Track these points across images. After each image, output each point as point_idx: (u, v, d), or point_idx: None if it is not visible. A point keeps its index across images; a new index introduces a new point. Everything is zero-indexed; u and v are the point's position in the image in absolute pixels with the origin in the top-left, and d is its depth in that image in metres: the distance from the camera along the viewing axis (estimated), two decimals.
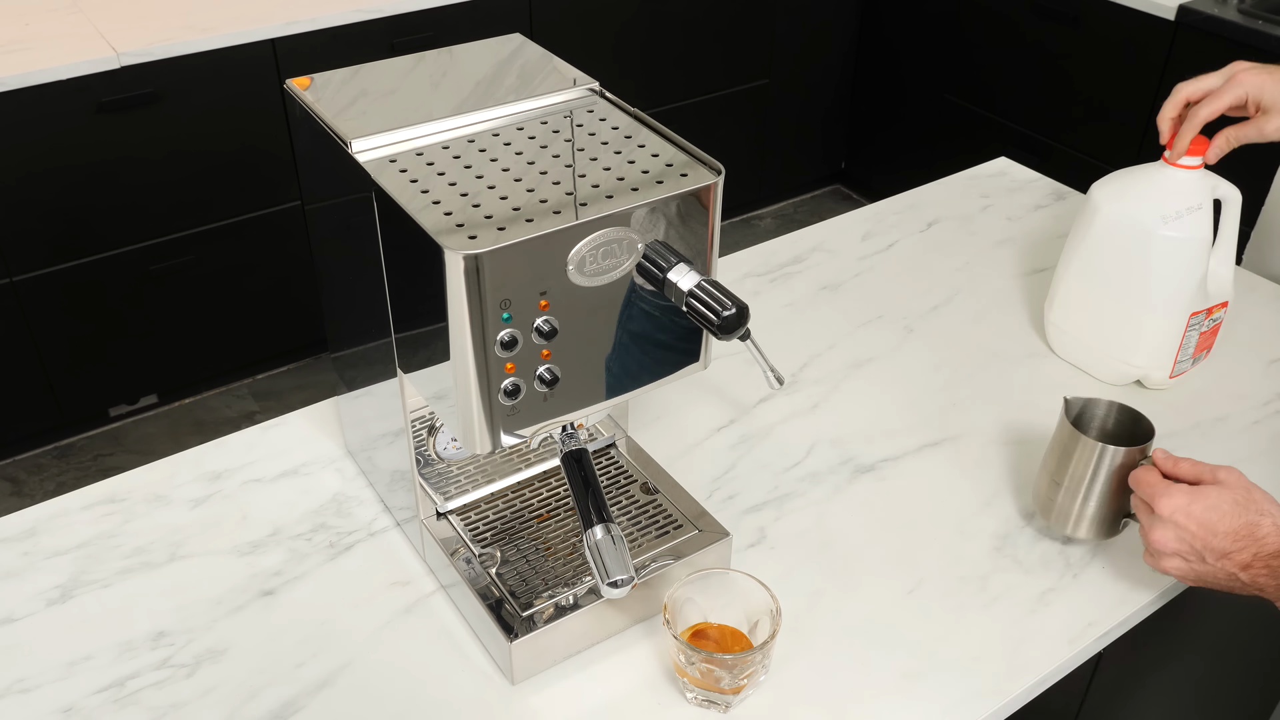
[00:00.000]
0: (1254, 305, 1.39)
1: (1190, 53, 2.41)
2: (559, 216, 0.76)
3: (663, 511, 1.02)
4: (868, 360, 1.29)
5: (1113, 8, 2.53)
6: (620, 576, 0.82)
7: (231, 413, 2.68)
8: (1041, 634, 0.96)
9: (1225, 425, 1.19)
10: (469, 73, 0.96)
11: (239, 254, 2.53)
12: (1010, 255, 1.49)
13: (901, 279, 1.44)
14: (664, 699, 0.90)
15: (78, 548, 1.04)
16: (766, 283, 1.43)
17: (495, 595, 0.93)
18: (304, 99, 0.91)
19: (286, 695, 0.90)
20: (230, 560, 1.02)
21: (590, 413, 0.86)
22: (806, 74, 3.28)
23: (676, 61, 3.00)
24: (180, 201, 2.40)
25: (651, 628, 0.96)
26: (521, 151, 0.84)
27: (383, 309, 0.88)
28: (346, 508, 1.08)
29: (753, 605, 0.91)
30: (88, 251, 2.34)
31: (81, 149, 2.23)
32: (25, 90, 2.10)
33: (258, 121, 2.40)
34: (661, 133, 0.87)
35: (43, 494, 2.44)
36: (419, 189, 0.79)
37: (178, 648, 0.94)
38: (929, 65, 3.11)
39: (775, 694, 0.90)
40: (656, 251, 0.79)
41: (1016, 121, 2.90)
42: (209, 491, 1.10)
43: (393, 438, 0.98)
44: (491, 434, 0.81)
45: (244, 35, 2.27)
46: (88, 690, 0.90)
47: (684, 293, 0.79)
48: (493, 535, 1.00)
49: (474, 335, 0.76)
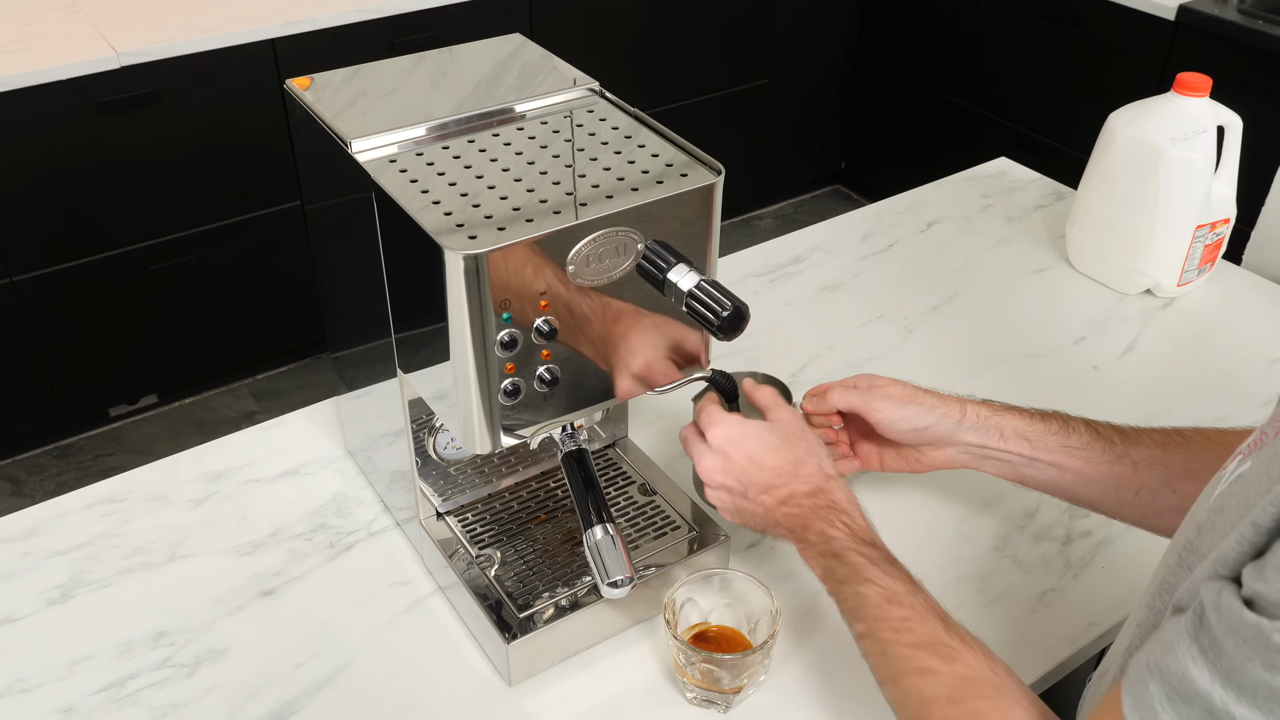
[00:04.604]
0: (1254, 305, 1.39)
1: (1190, 53, 2.41)
2: (559, 216, 0.76)
3: (661, 512, 1.02)
4: (868, 360, 1.29)
5: (1113, 8, 2.53)
6: (620, 576, 0.82)
7: (231, 413, 2.68)
8: (1041, 634, 0.96)
9: (1225, 425, 1.19)
10: (469, 73, 0.96)
11: (239, 254, 2.53)
12: (1010, 255, 1.49)
13: (901, 279, 1.44)
14: (664, 699, 0.90)
15: (78, 548, 1.04)
16: (766, 283, 1.43)
17: (494, 596, 0.93)
18: (304, 99, 0.91)
19: (286, 695, 0.90)
20: (230, 560, 1.02)
21: (590, 413, 0.86)
22: (806, 74, 3.28)
23: (676, 61, 3.00)
24: (180, 201, 2.40)
25: (651, 628, 0.96)
26: (521, 151, 0.84)
27: (383, 309, 0.88)
28: (346, 508, 1.08)
29: (753, 606, 0.91)
30: (88, 251, 2.34)
31: (81, 149, 2.23)
32: (25, 90, 2.10)
33: (258, 121, 2.40)
34: (661, 133, 0.87)
35: (43, 494, 2.44)
36: (419, 189, 0.79)
37: (178, 648, 0.94)
38: (929, 65, 3.11)
39: (775, 694, 0.90)
40: (656, 252, 0.79)
41: (1016, 121, 2.90)
42: (209, 491, 1.10)
43: (393, 438, 0.98)
44: (491, 434, 0.81)
45: (244, 35, 2.27)
46: (88, 690, 0.90)
47: (684, 293, 0.79)
48: (491, 536, 1.00)
49: (474, 335, 0.76)
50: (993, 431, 0.92)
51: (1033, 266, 1.46)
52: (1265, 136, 1.65)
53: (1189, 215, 1.33)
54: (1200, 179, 1.31)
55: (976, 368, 1.28)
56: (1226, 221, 1.37)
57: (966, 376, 1.26)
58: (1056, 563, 1.03)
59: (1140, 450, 0.89)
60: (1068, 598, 0.99)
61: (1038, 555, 1.03)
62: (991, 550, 1.04)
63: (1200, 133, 1.30)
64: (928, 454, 0.95)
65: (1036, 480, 0.93)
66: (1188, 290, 1.40)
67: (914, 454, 0.95)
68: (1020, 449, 0.91)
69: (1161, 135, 1.30)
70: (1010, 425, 0.92)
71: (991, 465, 0.93)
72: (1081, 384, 1.26)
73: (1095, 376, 1.27)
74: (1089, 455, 0.90)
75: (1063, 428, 0.92)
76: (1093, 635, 0.96)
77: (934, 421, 0.92)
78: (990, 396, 1.23)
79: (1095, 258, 1.42)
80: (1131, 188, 1.34)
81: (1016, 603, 0.99)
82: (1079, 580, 1.01)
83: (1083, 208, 1.41)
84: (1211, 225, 1.34)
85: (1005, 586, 1.00)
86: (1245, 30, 2.30)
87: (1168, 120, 1.31)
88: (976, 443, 0.92)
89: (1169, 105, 1.32)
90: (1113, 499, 0.90)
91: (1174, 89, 1.31)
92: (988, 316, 1.37)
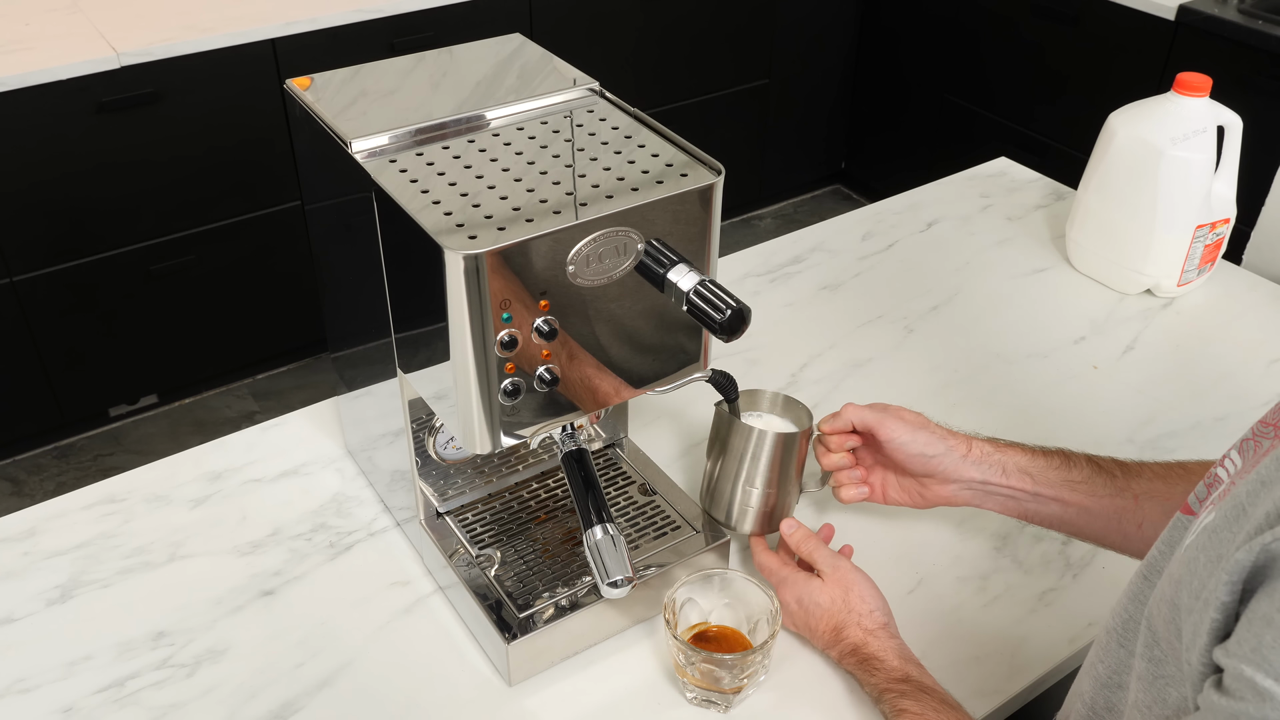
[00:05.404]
0: (1254, 305, 1.39)
1: (1190, 53, 2.41)
2: (559, 216, 0.76)
3: (661, 512, 1.02)
4: (868, 360, 1.29)
5: (1112, 8, 2.53)
6: (620, 576, 0.82)
7: (231, 413, 2.68)
8: (1041, 634, 0.96)
9: (1225, 425, 1.19)
10: (469, 73, 0.96)
11: (239, 254, 2.53)
12: (1010, 255, 1.49)
13: (901, 279, 1.44)
14: (664, 699, 0.90)
15: (78, 548, 1.04)
16: (766, 283, 1.43)
17: (494, 596, 0.93)
18: (304, 99, 0.91)
19: (286, 695, 0.90)
20: (230, 560, 1.02)
21: (590, 413, 0.86)
22: (806, 74, 3.28)
23: (677, 62, 3.00)
24: (180, 201, 2.40)
25: (651, 628, 0.96)
26: (521, 151, 0.84)
27: (383, 309, 0.88)
28: (346, 508, 1.08)
29: (753, 606, 0.91)
30: (88, 251, 2.33)
31: (81, 149, 2.23)
32: (25, 90, 2.10)
33: (258, 121, 2.40)
34: (661, 133, 0.87)
35: (43, 494, 2.44)
36: (419, 189, 0.79)
37: (178, 648, 0.94)
38: (929, 65, 3.11)
39: (775, 694, 0.90)
40: (656, 251, 0.79)
41: (1016, 121, 2.90)
42: (209, 491, 1.10)
43: (393, 438, 0.98)
44: (491, 434, 0.81)
45: (244, 35, 2.27)
46: (88, 690, 0.90)
47: (684, 293, 0.78)
48: (491, 536, 1.00)
49: (474, 335, 0.76)
50: (995, 467, 0.93)
51: (1033, 266, 1.46)
52: (1265, 136, 1.65)
53: (1189, 215, 1.33)
54: (1200, 179, 1.32)
55: (976, 368, 1.28)
56: (1226, 221, 1.37)
57: (966, 376, 1.26)
58: (1056, 563, 1.03)
59: (1141, 483, 0.90)
60: (1068, 598, 0.99)
61: (1038, 555, 1.03)
62: (991, 550, 1.04)
63: (1200, 133, 1.30)
64: (931, 488, 0.96)
65: (1040, 516, 0.93)
66: (1188, 290, 1.39)
67: (918, 487, 0.97)
68: (1023, 484, 0.92)
69: (1161, 135, 1.30)
70: (1013, 461, 0.93)
71: (994, 502, 0.94)
72: (1081, 384, 1.26)
73: (1095, 376, 1.27)
74: (1091, 489, 0.90)
75: (1064, 463, 0.92)
76: (1092, 635, 0.95)
77: (942, 451, 0.93)
78: (990, 396, 1.23)
79: (1095, 258, 1.42)
80: (1131, 188, 1.34)
81: (1016, 603, 0.99)
82: (1079, 580, 1.01)
83: (1083, 208, 1.42)
84: (1211, 225, 1.34)
85: (1005, 586, 1.00)
86: (1245, 30, 2.30)
87: (1168, 120, 1.31)
88: (980, 479, 0.94)
89: (1169, 105, 1.32)
90: (1116, 533, 0.91)
91: (1174, 89, 1.31)
92: (988, 316, 1.37)
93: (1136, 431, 1.18)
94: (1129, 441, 1.16)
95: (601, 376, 0.84)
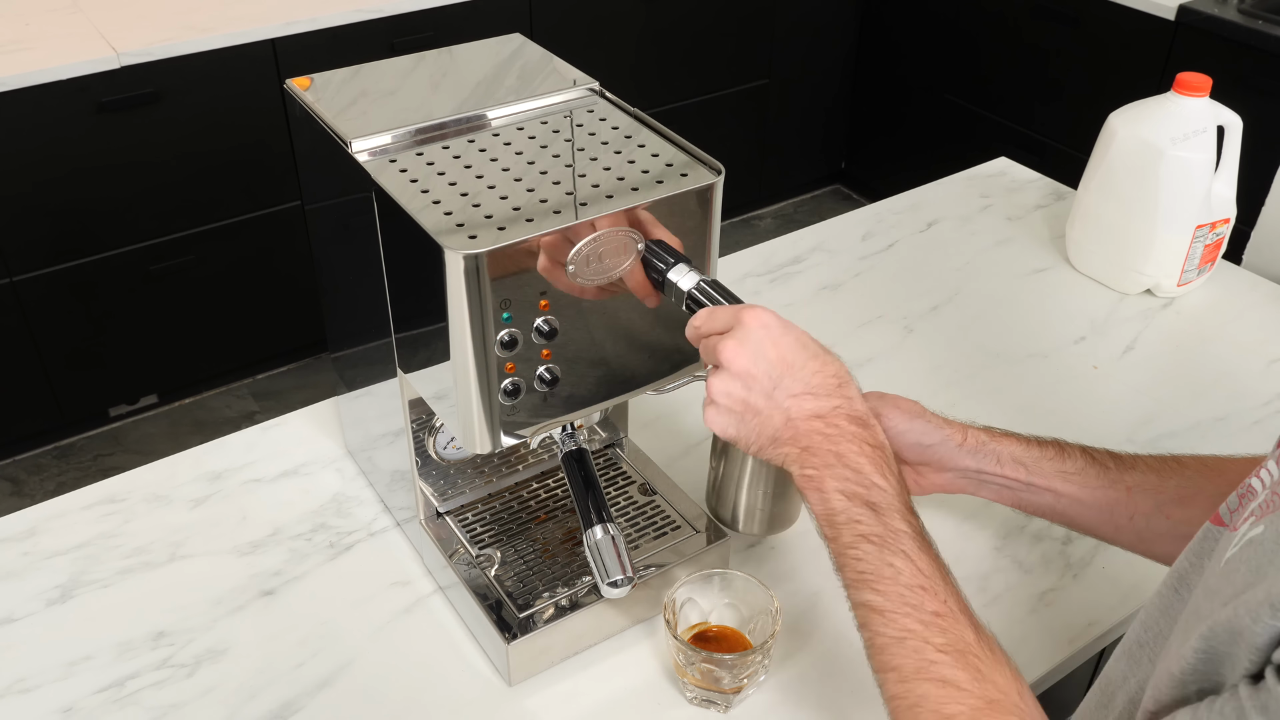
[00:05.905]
0: (1254, 305, 1.39)
1: (1190, 53, 2.41)
2: (559, 216, 0.76)
3: (661, 512, 1.02)
4: (868, 360, 1.29)
5: (1112, 8, 2.53)
6: (620, 576, 0.82)
7: (231, 413, 2.68)
8: (1041, 634, 0.96)
9: (1225, 425, 1.19)
10: (469, 73, 0.96)
11: (239, 254, 2.53)
12: (1010, 255, 1.49)
13: (901, 279, 1.44)
14: (664, 699, 0.90)
15: (78, 548, 1.04)
16: (766, 283, 1.43)
17: (494, 596, 0.93)
18: (304, 99, 0.91)
19: (286, 695, 0.90)
20: (230, 560, 1.02)
21: (590, 412, 0.86)
22: (806, 74, 3.28)
23: (677, 61, 3.00)
24: (180, 201, 2.40)
25: (651, 628, 0.96)
26: (521, 151, 0.84)
27: (383, 309, 0.88)
28: (346, 508, 1.08)
29: (753, 605, 0.91)
30: (88, 251, 2.34)
31: (81, 149, 2.23)
32: (25, 90, 2.10)
33: (258, 121, 2.40)
34: (661, 133, 0.87)
35: (43, 494, 2.44)
36: (419, 189, 0.79)
37: (178, 648, 0.94)
38: (929, 65, 3.11)
39: (775, 694, 0.90)
40: (656, 252, 0.79)
41: (1016, 121, 2.90)
42: (209, 491, 1.10)
43: (393, 438, 0.98)
44: (491, 434, 0.81)
45: (244, 35, 2.27)
46: (88, 690, 0.90)
47: (684, 293, 0.79)
48: (491, 536, 1.00)
49: (474, 335, 0.76)
50: (990, 456, 0.93)
51: (1033, 266, 1.46)
52: (1265, 136, 1.65)
53: (1189, 215, 1.33)
54: (1200, 179, 1.32)
55: (977, 367, 1.28)
56: (1226, 221, 1.37)
57: (967, 376, 1.26)
58: (1056, 563, 1.03)
59: (1134, 475, 0.89)
60: (1068, 598, 0.99)
61: (1038, 555, 1.03)
62: (991, 550, 1.04)
63: (1200, 133, 1.30)
64: (927, 476, 0.95)
65: (1033, 505, 0.93)
66: (1188, 290, 1.39)
67: (914, 475, 0.96)
68: (1017, 474, 0.92)
69: (1161, 135, 1.30)
70: (1007, 450, 0.93)
71: (989, 490, 0.94)
72: (1081, 384, 1.26)
73: (1095, 376, 1.27)
74: (1084, 480, 0.90)
75: (1058, 453, 0.92)
76: (1093, 635, 0.96)
77: (938, 440, 0.93)
78: (990, 396, 1.23)
79: (1095, 258, 1.42)
80: (1131, 188, 1.34)
81: (1016, 603, 0.99)
82: (1079, 580, 1.01)
83: (1083, 208, 1.42)
84: (1211, 225, 1.34)
85: (1005, 586, 1.00)
86: (1245, 30, 2.30)
87: (1168, 120, 1.31)
88: (974, 468, 0.93)
89: (1169, 105, 1.32)
90: (1108, 524, 0.90)
91: (1174, 89, 1.31)
92: (988, 316, 1.37)
93: (1136, 431, 1.18)
94: (1129, 441, 1.16)
95: (601, 376, 0.84)
